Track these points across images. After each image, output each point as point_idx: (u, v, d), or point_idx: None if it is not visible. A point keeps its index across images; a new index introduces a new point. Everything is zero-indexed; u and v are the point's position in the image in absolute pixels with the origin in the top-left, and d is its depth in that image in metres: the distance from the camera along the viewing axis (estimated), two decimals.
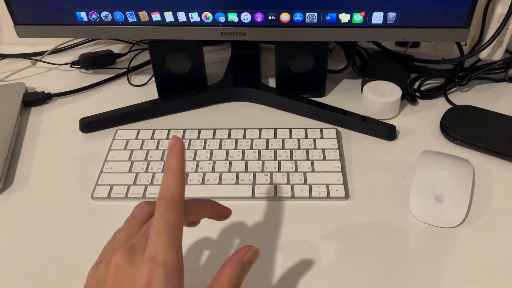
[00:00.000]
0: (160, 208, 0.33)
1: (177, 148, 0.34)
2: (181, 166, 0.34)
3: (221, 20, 0.58)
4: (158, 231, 0.32)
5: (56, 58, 0.81)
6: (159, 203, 0.33)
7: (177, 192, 0.34)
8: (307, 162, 0.56)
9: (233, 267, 0.35)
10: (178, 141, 0.35)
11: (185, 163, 0.35)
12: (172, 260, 0.32)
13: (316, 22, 0.57)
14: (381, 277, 0.44)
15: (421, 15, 0.56)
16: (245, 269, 0.36)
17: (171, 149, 0.35)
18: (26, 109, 0.69)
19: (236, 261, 0.36)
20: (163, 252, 0.31)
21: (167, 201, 0.33)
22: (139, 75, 0.76)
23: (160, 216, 0.33)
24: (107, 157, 0.58)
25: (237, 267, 0.35)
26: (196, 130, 0.61)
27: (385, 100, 0.61)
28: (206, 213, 0.40)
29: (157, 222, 0.33)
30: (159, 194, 0.34)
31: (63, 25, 0.60)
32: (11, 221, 0.52)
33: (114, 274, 0.32)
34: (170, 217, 0.33)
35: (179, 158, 0.34)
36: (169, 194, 0.33)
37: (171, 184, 0.34)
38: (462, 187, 0.51)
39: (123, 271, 0.32)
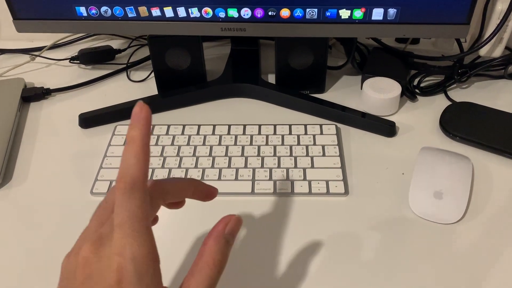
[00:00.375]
0: (119, 194, 0.29)
1: (141, 117, 0.29)
2: (144, 140, 0.29)
3: (221, 16, 0.58)
4: (121, 222, 0.28)
5: (55, 53, 0.80)
6: (118, 188, 0.29)
7: (138, 172, 0.29)
8: (307, 158, 0.56)
9: (214, 242, 0.32)
10: (143, 108, 0.29)
11: (150, 136, 0.30)
12: (142, 253, 0.28)
13: (316, 18, 0.57)
14: (381, 273, 0.44)
15: (421, 12, 0.56)
16: (229, 241, 0.32)
17: (134, 118, 0.29)
18: (25, 105, 0.69)
19: (217, 235, 0.32)
20: (130, 245, 0.28)
21: (127, 185, 0.28)
22: (139, 71, 0.76)
23: (121, 204, 0.29)
24: (106, 153, 0.58)
25: (219, 242, 0.32)
26: (196, 126, 0.61)
27: (384, 97, 0.61)
28: (187, 193, 0.35)
29: (119, 211, 0.29)
30: (117, 176, 0.29)
31: (62, 20, 0.60)
32: (10, 217, 0.52)
33: (82, 269, 0.29)
34: (133, 204, 0.28)
35: (142, 129, 0.29)
36: (128, 176, 0.29)
37: (131, 163, 0.29)
38: (461, 183, 0.51)
39: (90, 266, 0.29)
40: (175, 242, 0.48)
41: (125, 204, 0.28)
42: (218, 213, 0.50)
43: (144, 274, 0.28)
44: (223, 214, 0.50)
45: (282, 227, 0.49)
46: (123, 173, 0.29)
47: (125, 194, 0.28)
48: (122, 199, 0.29)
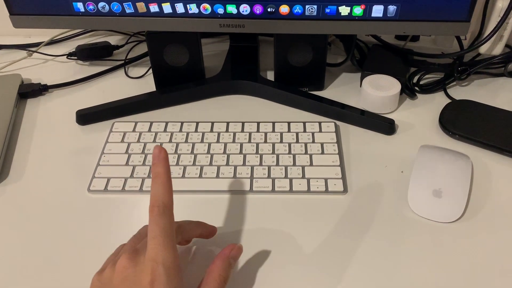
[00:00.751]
0: (153, 214, 0.37)
1: (161, 157, 0.38)
2: (168, 174, 0.38)
3: (220, 12, 0.57)
4: (154, 235, 0.36)
5: (52, 49, 0.80)
6: (152, 210, 0.37)
7: (167, 198, 0.37)
8: (306, 156, 0.56)
9: (221, 262, 0.40)
10: (161, 150, 0.38)
11: (170, 170, 0.39)
12: (170, 259, 0.35)
13: (316, 14, 0.57)
14: (380, 271, 0.44)
15: (421, 9, 0.55)
16: (231, 264, 0.41)
17: (156, 158, 0.38)
18: (22, 101, 0.68)
19: (223, 258, 0.41)
20: (161, 253, 0.35)
21: (160, 208, 0.37)
22: (137, 67, 0.75)
23: (155, 222, 0.36)
24: (104, 150, 0.58)
25: (224, 262, 0.40)
26: (194, 123, 0.61)
27: (384, 94, 0.61)
28: (197, 233, 0.45)
29: (153, 227, 0.36)
30: (150, 202, 0.37)
31: (59, 15, 0.59)
32: (6, 213, 0.51)
33: (120, 273, 0.36)
34: (164, 222, 0.36)
35: (164, 166, 0.38)
36: (160, 201, 0.37)
37: (161, 192, 0.37)
38: (460, 181, 0.51)
39: (127, 271, 0.36)
40: None
41: (158, 222, 0.36)
42: (217, 211, 0.50)
43: (172, 277, 0.35)
44: (222, 212, 0.50)
45: (280, 225, 0.49)
46: (155, 200, 0.37)
47: (158, 215, 0.36)
48: (156, 219, 0.36)
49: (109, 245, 0.47)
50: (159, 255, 0.35)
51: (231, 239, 0.47)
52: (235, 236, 0.48)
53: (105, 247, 0.47)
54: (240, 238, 0.47)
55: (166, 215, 0.37)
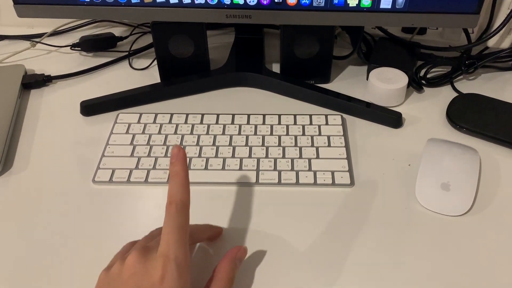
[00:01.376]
0: (170, 210, 0.37)
1: (180, 157, 0.39)
2: (185, 173, 0.38)
3: (226, 2, 0.57)
4: (169, 231, 0.36)
5: (56, 40, 0.79)
6: (170, 207, 0.37)
7: (185, 197, 0.38)
8: (312, 149, 0.55)
9: (228, 263, 0.41)
10: (180, 150, 0.39)
11: (188, 171, 0.39)
12: (182, 256, 0.36)
13: (324, 5, 0.56)
14: (386, 264, 0.44)
15: (430, 0, 0.55)
16: (237, 264, 0.41)
17: (175, 157, 0.39)
18: (25, 92, 0.68)
19: (230, 259, 0.41)
20: (174, 249, 0.35)
21: (177, 205, 0.37)
22: (141, 59, 0.75)
23: (171, 218, 0.37)
24: (108, 141, 0.57)
25: (231, 263, 0.41)
26: (199, 115, 0.60)
27: (391, 87, 0.61)
28: (205, 237, 0.45)
29: (169, 223, 0.36)
30: (168, 199, 0.37)
31: (64, 5, 0.59)
32: (10, 205, 0.51)
33: (129, 268, 0.36)
34: (180, 219, 0.37)
35: (183, 165, 0.39)
36: (178, 199, 0.37)
37: (180, 190, 0.38)
38: (468, 175, 0.50)
39: (137, 266, 0.36)
40: None
41: (174, 218, 0.36)
42: (223, 203, 0.50)
43: (183, 274, 0.35)
44: (228, 204, 0.50)
45: (287, 218, 0.48)
46: (172, 197, 0.37)
47: (175, 212, 0.37)
48: (172, 215, 0.36)
49: (114, 236, 0.47)
50: (172, 251, 0.35)
51: (236, 232, 0.47)
52: (241, 229, 0.47)
53: (110, 238, 0.47)
54: (246, 231, 0.47)
55: (182, 213, 0.37)
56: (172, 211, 0.37)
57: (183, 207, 0.37)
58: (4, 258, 0.45)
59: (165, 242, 0.36)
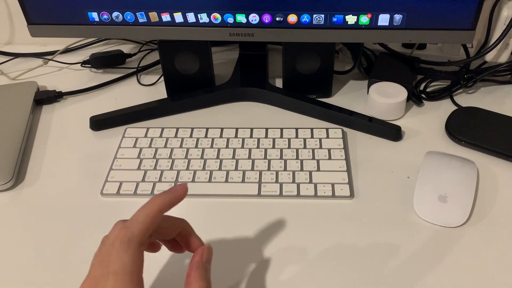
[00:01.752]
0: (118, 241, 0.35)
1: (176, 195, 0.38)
2: (161, 208, 0.37)
3: (230, 21, 0.59)
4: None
5: (67, 57, 0.82)
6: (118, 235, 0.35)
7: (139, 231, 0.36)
8: (313, 162, 0.57)
9: (197, 272, 0.37)
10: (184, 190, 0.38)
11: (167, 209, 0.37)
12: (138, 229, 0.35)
13: (323, 23, 0.58)
14: (385, 276, 0.45)
15: (427, 17, 0.56)
16: (207, 268, 0.39)
17: (170, 190, 0.38)
18: (37, 107, 0.70)
19: (197, 266, 0.38)
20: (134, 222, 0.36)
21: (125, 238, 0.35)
22: (148, 75, 0.77)
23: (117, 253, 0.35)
24: (116, 155, 0.59)
25: (200, 270, 0.38)
26: (204, 129, 0.62)
27: (391, 101, 0.62)
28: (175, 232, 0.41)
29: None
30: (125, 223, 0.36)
31: (75, 25, 0.61)
32: (22, 216, 0.53)
33: None
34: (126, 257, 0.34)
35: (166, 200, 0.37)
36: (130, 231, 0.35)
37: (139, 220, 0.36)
38: (466, 187, 0.51)
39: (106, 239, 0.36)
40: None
41: (120, 255, 0.34)
42: (226, 215, 0.51)
43: (132, 241, 0.34)
44: (231, 216, 0.51)
45: (288, 229, 0.50)
46: (129, 224, 0.36)
47: (122, 245, 0.35)
48: (119, 248, 0.35)
49: None
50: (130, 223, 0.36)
51: (238, 243, 0.48)
52: (243, 241, 0.49)
53: None
54: (247, 242, 0.48)
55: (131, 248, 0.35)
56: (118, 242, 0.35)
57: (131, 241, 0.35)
58: (14, 268, 0.47)
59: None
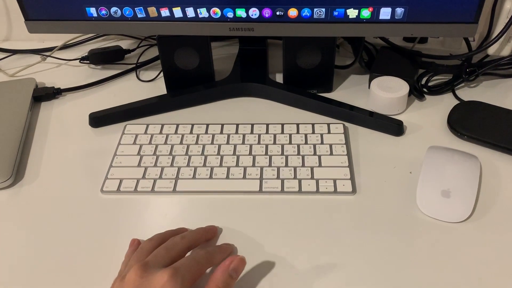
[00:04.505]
0: (199, 252, 0.42)
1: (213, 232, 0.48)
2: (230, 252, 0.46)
3: (229, 16, 0.58)
4: (188, 258, 0.40)
5: (65, 53, 0.82)
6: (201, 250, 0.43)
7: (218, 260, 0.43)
8: (314, 157, 0.56)
9: (220, 274, 0.40)
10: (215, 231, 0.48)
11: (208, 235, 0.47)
12: (188, 279, 0.38)
13: (324, 17, 0.57)
14: (388, 271, 0.45)
15: (429, 11, 0.56)
16: (233, 276, 0.40)
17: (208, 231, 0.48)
18: (36, 104, 0.70)
19: (224, 269, 0.40)
20: (186, 268, 0.39)
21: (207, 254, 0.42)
22: (148, 71, 0.76)
23: (195, 254, 0.41)
24: (116, 152, 0.59)
25: (224, 274, 0.40)
26: (204, 125, 0.62)
27: (392, 96, 0.62)
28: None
29: (192, 256, 0.41)
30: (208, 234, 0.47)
31: (73, 20, 0.61)
32: (22, 214, 0.53)
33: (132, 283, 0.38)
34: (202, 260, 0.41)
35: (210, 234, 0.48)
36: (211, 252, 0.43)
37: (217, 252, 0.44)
38: (469, 182, 0.51)
39: (140, 279, 0.38)
40: None
41: (198, 257, 0.41)
42: (227, 211, 0.51)
43: None
44: (232, 212, 0.51)
45: (289, 225, 0.49)
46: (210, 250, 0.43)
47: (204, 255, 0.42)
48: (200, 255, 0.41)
49: (121, 244, 0.48)
50: (183, 269, 0.39)
51: (240, 240, 0.48)
52: (244, 238, 0.48)
53: (118, 246, 0.48)
54: (249, 239, 0.48)
55: (207, 261, 0.42)
56: (201, 252, 0.41)
57: (210, 259, 0.42)
58: (14, 266, 0.47)
59: (180, 262, 0.39)
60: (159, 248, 0.42)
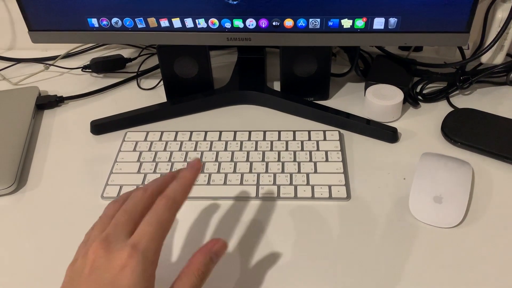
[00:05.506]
0: (159, 203, 0.36)
1: (195, 167, 0.40)
2: (192, 181, 0.39)
3: (227, 26, 0.60)
4: (149, 222, 0.35)
5: (68, 62, 0.83)
6: (160, 200, 0.36)
7: (180, 197, 0.37)
8: (310, 164, 0.57)
9: (201, 256, 0.38)
10: (198, 162, 0.41)
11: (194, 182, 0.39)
12: (152, 251, 0.34)
13: (319, 27, 0.59)
14: (381, 277, 0.45)
15: (421, 21, 0.57)
16: (213, 259, 0.39)
17: (191, 166, 0.40)
18: (39, 112, 0.71)
19: (205, 251, 0.38)
20: (146, 242, 0.34)
21: (168, 201, 0.36)
22: (148, 79, 0.78)
23: (156, 211, 0.36)
24: (117, 158, 0.60)
25: (205, 257, 0.38)
26: (203, 132, 0.63)
27: (387, 103, 0.63)
28: None
29: (152, 215, 0.35)
30: (163, 193, 0.37)
31: (75, 31, 0.62)
32: (24, 220, 0.54)
33: (91, 263, 0.34)
34: (165, 215, 0.36)
35: (193, 174, 0.39)
36: (172, 195, 0.37)
37: (178, 190, 0.37)
38: (461, 188, 0.52)
39: (100, 259, 0.34)
40: (179, 244, 0.50)
41: (159, 212, 0.36)
42: (224, 216, 0.52)
43: (148, 268, 0.33)
44: (229, 217, 0.52)
45: (285, 230, 0.50)
46: (168, 192, 0.37)
47: (164, 206, 0.36)
48: (159, 207, 0.36)
49: None
50: (143, 243, 0.34)
51: (237, 245, 0.49)
52: (241, 242, 0.49)
53: None
54: (245, 244, 0.49)
55: (171, 210, 0.36)
56: (161, 204, 0.36)
57: (174, 204, 0.36)
58: (16, 271, 0.48)
59: (141, 232, 0.34)
60: (118, 213, 0.37)
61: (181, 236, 0.50)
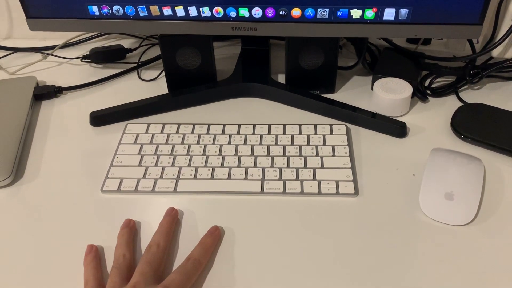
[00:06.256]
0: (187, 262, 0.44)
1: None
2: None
3: (232, 15, 0.58)
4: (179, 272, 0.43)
5: (67, 52, 0.81)
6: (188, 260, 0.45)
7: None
8: (317, 158, 0.56)
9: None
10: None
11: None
12: None
13: (328, 17, 0.57)
14: (390, 274, 0.44)
15: (433, 12, 0.55)
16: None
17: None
18: (37, 103, 0.69)
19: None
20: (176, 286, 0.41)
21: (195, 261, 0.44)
22: (149, 70, 0.76)
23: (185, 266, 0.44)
24: (117, 151, 0.58)
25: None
26: (206, 125, 0.61)
27: (395, 97, 0.61)
28: None
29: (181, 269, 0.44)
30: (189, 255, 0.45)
31: (74, 19, 0.60)
32: (21, 213, 0.52)
33: None
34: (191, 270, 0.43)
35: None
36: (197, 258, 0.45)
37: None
38: (472, 185, 0.50)
39: None
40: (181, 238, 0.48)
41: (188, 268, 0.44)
42: (228, 212, 0.51)
43: None
44: (233, 213, 0.51)
45: (291, 227, 0.49)
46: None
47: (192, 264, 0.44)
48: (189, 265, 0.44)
49: None
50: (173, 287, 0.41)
51: (241, 241, 0.48)
52: (245, 239, 0.48)
53: None
54: (250, 240, 0.48)
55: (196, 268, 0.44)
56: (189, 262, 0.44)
57: (199, 265, 0.44)
58: (14, 265, 0.47)
59: (170, 279, 0.42)
60: (140, 264, 0.43)
61: (184, 232, 0.49)
